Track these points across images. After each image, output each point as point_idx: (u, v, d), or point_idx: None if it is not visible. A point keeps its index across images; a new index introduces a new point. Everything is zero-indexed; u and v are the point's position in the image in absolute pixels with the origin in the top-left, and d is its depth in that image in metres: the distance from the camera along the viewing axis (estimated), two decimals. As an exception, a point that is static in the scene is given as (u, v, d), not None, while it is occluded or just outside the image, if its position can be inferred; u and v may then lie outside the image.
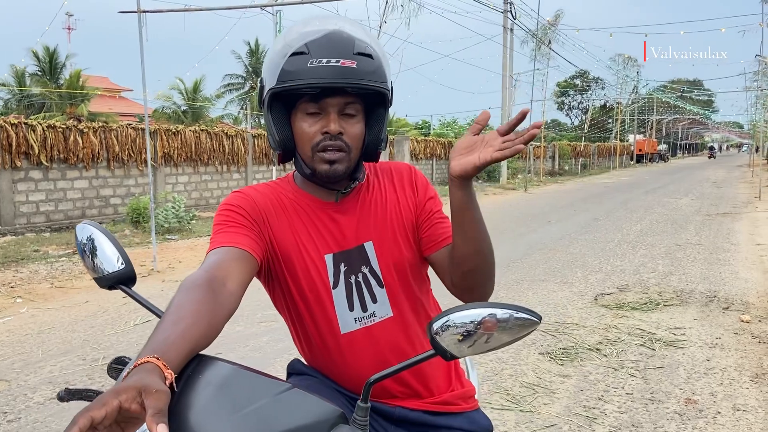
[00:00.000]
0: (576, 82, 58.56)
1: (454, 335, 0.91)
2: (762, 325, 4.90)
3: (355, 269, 1.26)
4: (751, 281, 6.52)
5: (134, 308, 5.44)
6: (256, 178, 15.89)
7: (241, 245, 1.14)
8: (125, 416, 0.73)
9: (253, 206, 1.24)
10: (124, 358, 1.14)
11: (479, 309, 0.91)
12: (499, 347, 0.93)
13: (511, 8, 22.53)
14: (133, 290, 1.21)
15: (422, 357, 0.96)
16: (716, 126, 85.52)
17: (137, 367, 0.78)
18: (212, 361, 0.89)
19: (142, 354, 0.82)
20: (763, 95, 30.89)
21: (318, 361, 1.31)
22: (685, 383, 3.76)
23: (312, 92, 1.16)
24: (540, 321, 0.92)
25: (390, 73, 1.24)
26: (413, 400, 1.29)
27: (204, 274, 1.03)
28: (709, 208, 14.15)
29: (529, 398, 3.52)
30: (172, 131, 13.76)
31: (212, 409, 0.81)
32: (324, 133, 1.18)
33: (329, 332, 1.26)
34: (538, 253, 8.32)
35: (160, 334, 0.87)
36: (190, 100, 29.79)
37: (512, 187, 21.49)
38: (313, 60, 1.13)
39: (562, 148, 34.29)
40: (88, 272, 1.24)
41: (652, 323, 5.00)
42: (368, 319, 1.26)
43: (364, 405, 0.94)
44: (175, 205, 10.64)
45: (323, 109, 1.19)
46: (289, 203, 1.28)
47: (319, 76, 1.12)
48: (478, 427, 1.35)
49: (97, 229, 1.22)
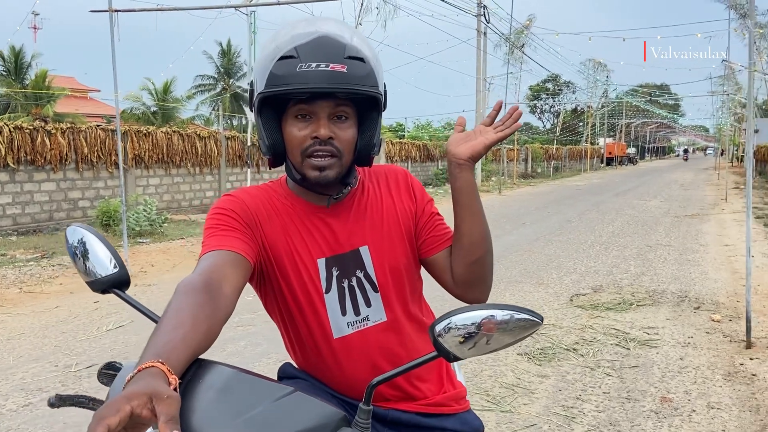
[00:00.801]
0: (548, 86, 59.35)
1: (455, 337, 0.90)
2: (732, 325, 5.01)
3: (348, 273, 1.25)
4: (720, 281, 6.67)
5: (106, 313, 5.34)
6: (229, 180, 15.73)
7: (235, 249, 1.12)
8: (134, 422, 0.71)
9: (245, 210, 1.22)
10: (114, 363, 1.11)
11: (479, 311, 0.91)
12: (501, 348, 0.93)
13: (485, 12, 22.72)
14: (127, 294, 1.18)
15: (425, 359, 0.96)
16: (683, 129, 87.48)
17: (141, 372, 0.76)
18: (212, 365, 0.88)
19: (144, 358, 0.80)
20: (728, 100, 31.71)
21: (310, 365, 1.30)
22: (659, 382, 3.83)
23: (301, 97, 1.15)
24: (542, 322, 0.92)
25: (383, 76, 1.23)
26: (406, 403, 1.29)
27: (200, 278, 1.01)
28: (678, 210, 14.45)
29: (508, 398, 3.55)
30: (143, 132, 13.53)
31: (215, 414, 0.80)
32: (314, 138, 1.16)
33: (322, 337, 1.25)
34: (514, 254, 8.40)
35: (160, 338, 0.85)
36: (160, 101, 29.38)
37: (486, 190, 21.65)
38: (303, 64, 1.11)
39: (534, 151, 34.70)
40: (80, 276, 1.21)
41: (626, 323, 5.08)
42: (361, 324, 1.25)
43: (367, 407, 0.93)
44: (146, 207, 10.46)
45: (313, 114, 1.17)
46: (281, 207, 1.26)
47: (308, 80, 1.10)
48: (470, 428, 1.35)
49: (89, 232, 1.19)
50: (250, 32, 11.95)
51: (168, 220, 11.39)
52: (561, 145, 44.43)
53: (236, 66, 43.64)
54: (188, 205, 14.57)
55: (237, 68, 43.67)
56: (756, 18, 5.35)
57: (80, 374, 3.94)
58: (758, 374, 3.92)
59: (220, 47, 42.29)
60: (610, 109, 53.28)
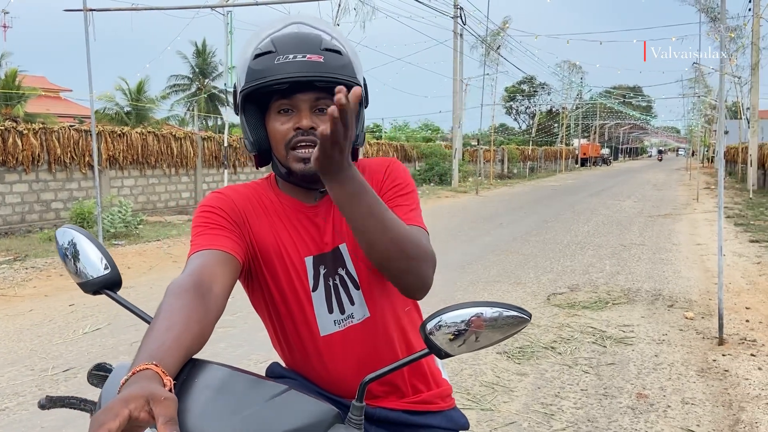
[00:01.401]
0: (523, 88, 59.94)
1: (446, 334, 0.92)
2: (705, 322, 5.13)
3: (332, 271, 1.26)
4: (692, 280, 6.81)
5: (82, 316, 5.26)
6: (206, 181, 15.59)
7: (223, 248, 1.12)
8: (131, 425, 0.71)
9: (232, 207, 1.22)
10: (104, 364, 1.11)
11: (468, 308, 0.93)
12: (491, 345, 0.95)
13: (461, 14, 22.87)
14: (119, 295, 1.18)
15: (417, 356, 0.98)
16: (655, 131, 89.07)
17: (136, 375, 0.77)
18: (207, 365, 0.88)
19: (138, 361, 0.81)
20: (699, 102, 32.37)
21: (298, 363, 1.30)
22: (635, 378, 3.90)
23: (281, 88, 1.16)
24: (530, 318, 0.94)
25: (362, 71, 1.24)
26: (394, 400, 1.30)
27: (190, 278, 1.01)
28: (651, 210, 14.71)
29: (488, 397, 3.59)
30: (117, 133, 13.34)
31: (211, 413, 0.81)
32: (296, 129, 1.17)
33: (309, 335, 1.26)
34: (492, 254, 8.47)
35: (153, 340, 0.85)
36: (134, 101, 28.98)
37: (464, 190, 21.79)
38: (280, 57, 1.12)
39: (510, 152, 35.02)
40: (71, 277, 1.20)
41: (602, 321, 5.17)
42: (346, 321, 1.26)
43: (359, 404, 0.94)
44: (121, 209, 10.33)
45: (295, 106, 1.18)
46: (269, 204, 1.27)
47: (287, 71, 1.12)
48: (456, 425, 1.37)
49: (80, 233, 1.19)
50: (226, 32, 11.89)
51: (143, 222, 11.24)
52: (536, 145, 44.90)
53: (211, 66, 43.26)
54: (164, 207, 14.41)
55: (212, 68, 43.30)
56: (726, 22, 5.48)
57: (57, 378, 3.88)
58: (730, 370, 4.02)
59: (195, 47, 41.90)
60: (584, 110, 54.01)
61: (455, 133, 25.04)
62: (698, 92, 32.14)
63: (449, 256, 8.21)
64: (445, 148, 26.95)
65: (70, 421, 3.23)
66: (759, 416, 3.31)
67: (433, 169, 24.82)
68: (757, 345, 4.50)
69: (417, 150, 25.86)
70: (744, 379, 3.86)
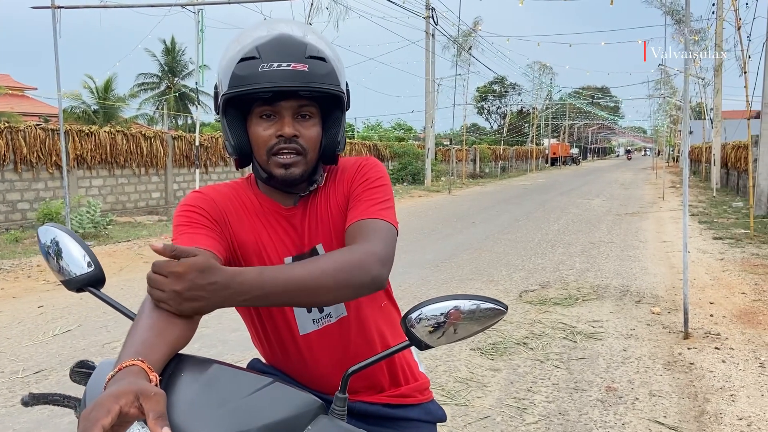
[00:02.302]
0: (495, 88, 60.49)
1: (426, 327, 0.96)
2: (671, 317, 5.27)
3: None
4: (659, 276, 6.99)
5: (52, 318, 5.17)
6: (176, 181, 15.40)
7: (205, 246, 1.13)
8: (120, 420, 0.73)
9: (213, 206, 1.23)
10: (87, 361, 1.12)
11: (447, 302, 0.96)
12: (470, 336, 0.99)
13: (433, 14, 23.00)
14: (103, 292, 1.18)
15: (398, 348, 1.01)
16: (623, 131, 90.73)
17: (122, 371, 0.78)
18: (193, 359, 0.90)
19: (123, 357, 0.82)
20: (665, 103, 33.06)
21: (278, 360, 1.32)
22: (605, 372, 4.00)
23: (264, 96, 1.17)
24: (506, 310, 0.98)
25: (345, 75, 1.26)
26: (373, 394, 1.33)
27: None
28: (619, 209, 15.00)
29: (463, 392, 3.64)
30: (85, 132, 13.11)
31: (198, 406, 0.83)
32: (278, 137, 1.19)
33: (288, 334, 1.28)
34: (465, 253, 8.56)
35: (138, 336, 0.87)
36: (102, 100, 28.44)
37: (436, 190, 21.92)
38: (264, 64, 1.12)
39: (482, 152, 35.31)
40: (55, 275, 1.21)
41: (572, 317, 5.27)
42: (325, 320, 1.29)
43: (343, 395, 0.97)
44: (90, 209, 10.16)
45: (277, 113, 1.19)
46: (250, 205, 1.28)
47: (271, 80, 1.12)
48: (433, 417, 1.41)
49: (62, 231, 1.19)
50: (197, 30, 11.75)
51: (113, 222, 11.08)
52: (508, 145, 45.37)
53: (181, 64, 42.69)
54: (133, 207, 14.20)
55: (182, 66, 42.72)
56: (690, 24, 5.63)
57: (28, 380, 3.82)
58: (695, 363, 4.15)
59: (164, 45, 41.28)
60: (554, 110, 54.74)
61: (428, 132, 25.17)
62: (663, 93, 32.85)
63: (423, 255, 8.28)
64: (417, 148, 27.07)
65: (43, 422, 3.19)
66: (723, 407, 3.43)
67: (406, 168, 24.91)
68: (720, 339, 4.64)
69: (390, 149, 25.92)
70: (708, 371, 3.99)
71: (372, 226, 1.17)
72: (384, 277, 1.11)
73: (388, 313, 1.39)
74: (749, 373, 3.95)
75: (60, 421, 3.22)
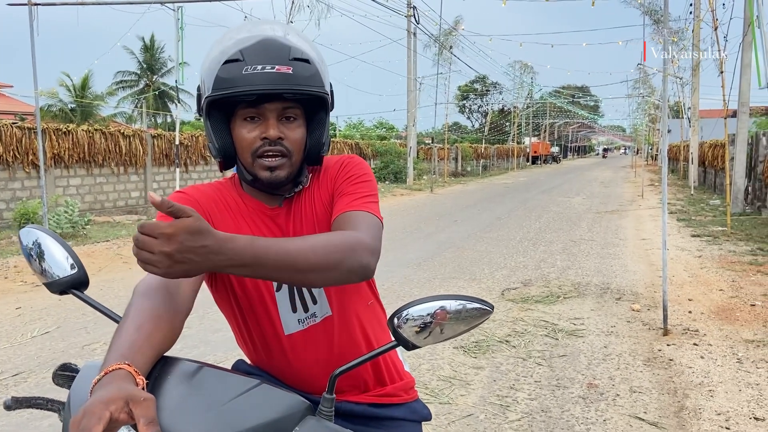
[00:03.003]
0: (476, 87, 60.77)
1: (412, 327, 0.96)
2: (650, 313, 5.34)
3: None
4: (638, 273, 7.07)
5: (30, 320, 5.09)
6: (156, 180, 15.24)
7: None
8: (110, 425, 0.72)
9: (196, 206, 1.22)
10: (70, 364, 1.10)
11: (433, 302, 0.97)
12: (456, 336, 0.99)
13: (415, 13, 23.03)
14: (86, 295, 1.17)
15: (386, 348, 1.01)
16: (602, 130, 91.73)
17: (109, 374, 0.78)
18: (179, 362, 0.89)
19: (110, 360, 0.81)
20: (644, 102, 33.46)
21: (263, 361, 1.32)
22: (586, 369, 4.04)
23: (248, 99, 1.16)
24: (492, 310, 0.98)
25: (328, 76, 1.26)
26: (358, 394, 1.33)
27: (157, 279, 1.01)
28: (599, 207, 15.16)
29: (446, 391, 3.66)
30: (62, 131, 12.91)
31: (186, 408, 0.82)
32: (263, 139, 1.18)
33: (273, 334, 1.27)
34: (447, 251, 8.59)
35: (124, 339, 0.86)
36: (79, 98, 28.05)
37: (419, 188, 21.96)
38: (248, 67, 1.11)
39: (464, 150, 35.46)
40: (37, 277, 1.19)
41: (554, 315, 5.32)
42: (310, 320, 1.28)
43: (330, 396, 0.97)
44: (67, 209, 10.01)
45: (262, 115, 1.18)
46: (234, 205, 1.27)
47: (254, 83, 1.11)
48: (419, 416, 1.41)
49: (44, 233, 1.17)
50: (177, 28, 11.63)
51: (91, 222, 10.93)
52: (489, 144, 45.61)
53: (160, 62, 42.26)
54: (112, 206, 14.02)
55: (161, 64, 42.30)
56: (669, 25, 5.70)
57: (6, 383, 3.75)
58: (675, 359, 4.21)
59: (142, 42, 40.82)
60: (535, 109, 55.13)
61: (410, 131, 25.21)
62: (642, 92, 33.26)
63: (405, 254, 8.29)
64: (399, 147, 27.09)
65: (23, 425, 3.14)
66: (702, 403, 3.49)
67: (388, 167, 24.92)
68: (699, 335, 4.72)
69: (372, 148, 25.91)
70: (687, 367, 4.05)
71: (360, 218, 1.16)
72: (372, 267, 1.09)
73: (374, 313, 1.39)
74: (727, 368, 4.02)
75: (40, 423, 3.17)
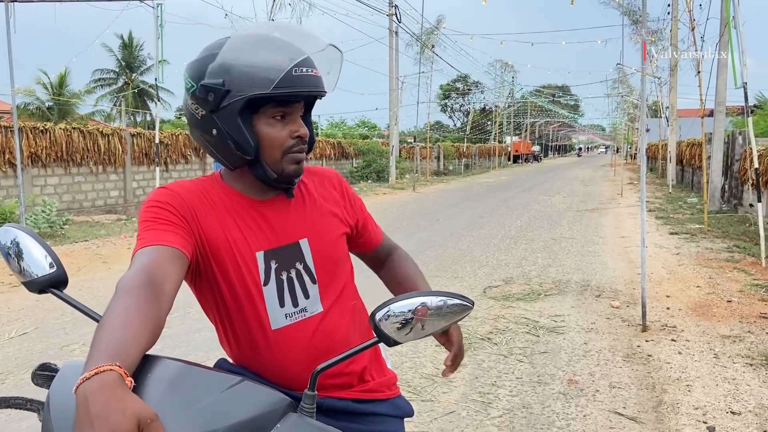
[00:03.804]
0: (458, 86, 60.98)
1: (394, 323, 0.97)
2: (629, 310, 5.41)
3: (287, 265, 1.28)
4: (618, 270, 7.16)
5: (7, 321, 5.01)
6: (135, 179, 15.08)
7: (172, 243, 1.12)
8: None
9: (180, 202, 1.22)
10: (49, 364, 1.09)
11: (414, 298, 0.97)
12: (438, 331, 1.00)
13: (397, 11, 23.04)
14: (66, 293, 1.15)
15: (367, 345, 1.01)
16: (582, 129, 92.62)
17: (98, 375, 0.76)
18: (160, 360, 0.89)
19: (96, 358, 0.80)
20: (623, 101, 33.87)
21: (247, 358, 1.31)
22: (567, 365, 4.08)
23: (289, 99, 1.21)
24: (473, 306, 1.00)
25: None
26: (341, 390, 1.34)
27: (141, 275, 1.01)
28: (579, 205, 15.31)
29: (428, 388, 3.67)
30: (40, 129, 12.72)
31: (167, 406, 0.82)
32: (296, 137, 1.25)
33: (259, 329, 1.27)
34: (430, 250, 8.62)
35: (109, 338, 0.85)
36: (56, 96, 27.66)
37: (401, 187, 21.99)
38: (296, 69, 1.18)
39: (446, 149, 35.57)
40: (16, 276, 1.17)
41: (535, 312, 5.37)
42: (299, 315, 1.29)
43: (311, 393, 0.97)
44: (45, 208, 9.87)
45: (289, 114, 1.24)
46: (218, 200, 1.27)
47: (307, 85, 1.19)
48: (401, 411, 1.42)
49: (23, 232, 1.16)
50: (156, 25, 11.52)
51: (69, 222, 10.79)
52: (471, 143, 45.81)
53: (139, 60, 41.79)
54: (91, 206, 13.85)
55: (140, 62, 41.83)
56: (648, 26, 5.78)
57: (-19, 386, 3.70)
58: (653, 355, 4.27)
59: (121, 40, 40.31)
60: (516, 108, 55.49)
61: (392, 130, 25.23)
62: (621, 92, 33.64)
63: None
64: (382, 146, 27.11)
65: (0, 426, 3.10)
66: (680, 397, 3.54)
67: (370, 166, 24.92)
68: (677, 331, 4.79)
69: (354, 147, 25.88)
70: (666, 363, 4.11)
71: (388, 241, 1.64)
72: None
73: (357, 312, 1.41)
74: (704, 363, 4.09)
75: (18, 426, 3.13)
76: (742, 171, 12.05)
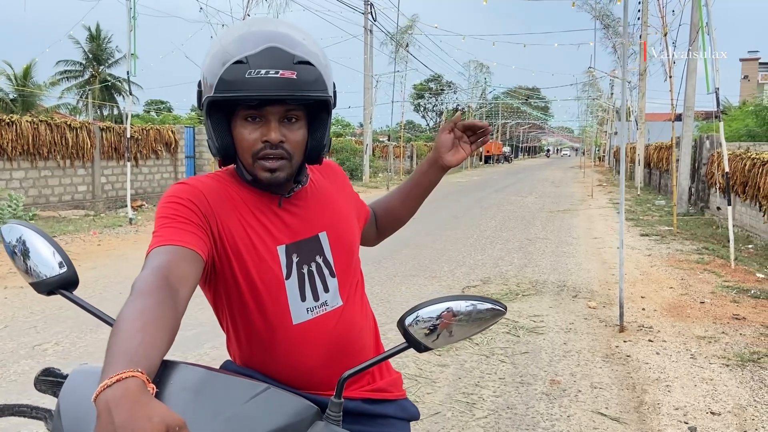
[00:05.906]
0: (431, 86, 61.23)
1: (422, 329, 0.94)
2: (606, 311, 5.48)
3: (308, 259, 1.26)
4: (593, 271, 7.26)
5: (-27, 319, 4.84)
6: (104, 174, 14.75)
7: (189, 245, 1.08)
8: None
9: (201, 199, 1.18)
10: (53, 369, 1.03)
11: (444, 303, 0.95)
12: (467, 337, 0.98)
13: (372, 10, 23.00)
14: (76, 295, 1.09)
15: (397, 350, 0.99)
16: (552, 130, 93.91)
17: (120, 382, 0.72)
18: (180, 366, 0.85)
19: (115, 365, 0.75)
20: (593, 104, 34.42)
21: (258, 358, 1.27)
22: (548, 366, 4.11)
23: (251, 103, 1.14)
24: (505, 311, 0.97)
25: (332, 75, 1.24)
26: (351, 389, 1.30)
27: (157, 276, 0.96)
28: (551, 206, 15.49)
29: (413, 389, 3.66)
30: (5, 121, 12.34)
31: (194, 415, 0.77)
32: (264, 142, 1.17)
33: (280, 324, 1.24)
34: (407, 249, 8.61)
35: (127, 342, 0.80)
36: (21, 87, 26.93)
37: (375, 186, 21.99)
38: (252, 70, 1.10)
39: (419, 149, 35.67)
40: (23, 277, 1.11)
41: (514, 312, 5.39)
42: (320, 309, 1.27)
43: (338, 401, 0.94)
44: (11, 203, 9.60)
45: (263, 117, 1.17)
46: (237, 195, 1.24)
47: (258, 88, 1.10)
48: (409, 414, 1.41)
49: (30, 229, 1.09)
50: (129, 17, 11.29)
51: (36, 217, 10.51)
52: (443, 143, 45.88)
53: (107, 52, 40.94)
54: (58, 201, 13.49)
55: (108, 54, 40.98)
56: (625, 33, 5.86)
57: (-51, 388, 3.55)
58: (632, 355, 4.33)
59: (88, 32, 39.41)
60: (488, 109, 55.95)
61: (366, 128, 25.18)
62: (591, 95, 34.19)
63: (363, 251, 8.19)
64: (355, 144, 27.05)
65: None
66: (660, 398, 3.59)
67: (344, 164, 24.81)
68: (653, 331, 4.87)
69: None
70: (644, 363, 4.17)
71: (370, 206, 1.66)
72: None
73: (366, 307, 1.41)
74: (681, 364, 4.16)
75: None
76: (709, 174, 12.34)
